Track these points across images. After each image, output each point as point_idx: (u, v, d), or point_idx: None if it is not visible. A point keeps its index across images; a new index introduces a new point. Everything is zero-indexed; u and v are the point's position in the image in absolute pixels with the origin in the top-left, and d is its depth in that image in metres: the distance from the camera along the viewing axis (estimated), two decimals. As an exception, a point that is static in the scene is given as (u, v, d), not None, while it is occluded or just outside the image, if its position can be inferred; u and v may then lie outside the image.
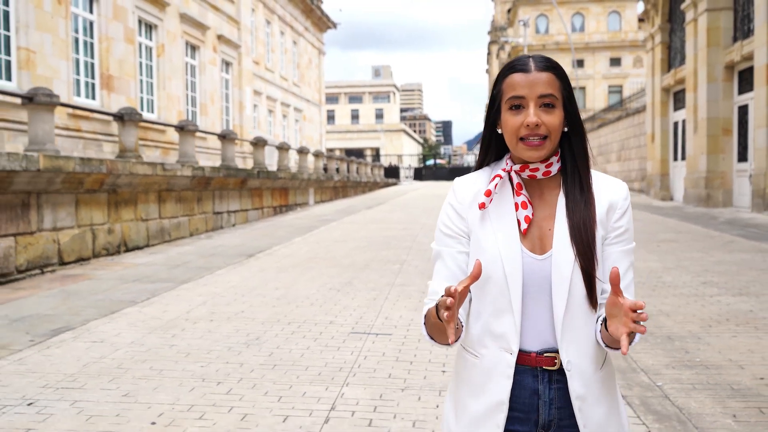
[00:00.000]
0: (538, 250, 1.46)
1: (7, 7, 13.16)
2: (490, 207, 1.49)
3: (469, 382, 1.51)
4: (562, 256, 1.44)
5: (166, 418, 3.43)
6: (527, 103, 1.44)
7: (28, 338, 5.03)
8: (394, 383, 3.97)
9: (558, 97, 1.46)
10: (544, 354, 1.45)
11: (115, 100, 16.16)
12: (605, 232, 1.48)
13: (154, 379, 4.05)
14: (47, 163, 7.65)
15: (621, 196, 1.50)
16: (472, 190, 1.52)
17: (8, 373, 4.19)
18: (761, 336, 4.97)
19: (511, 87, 1.46)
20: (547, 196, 1.51)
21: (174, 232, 11.63)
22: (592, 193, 1.48)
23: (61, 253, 8.45)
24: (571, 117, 1.49)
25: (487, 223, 1.49)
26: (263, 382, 3.99)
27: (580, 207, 1.46)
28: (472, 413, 1.48)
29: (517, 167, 1.49)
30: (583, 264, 1.42)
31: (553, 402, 1.46)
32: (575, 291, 1.43)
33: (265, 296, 6.61)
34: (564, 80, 1.48)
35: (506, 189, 1.50)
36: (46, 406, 3.61)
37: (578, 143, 1.51)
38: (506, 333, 1.45)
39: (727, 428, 3.30)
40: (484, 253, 1.46)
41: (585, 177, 1.49)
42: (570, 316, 1.43)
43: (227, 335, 5.10)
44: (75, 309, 6.08)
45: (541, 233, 1.48)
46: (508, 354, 1.45)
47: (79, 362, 4.41)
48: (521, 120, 1.44)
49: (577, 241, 1.43)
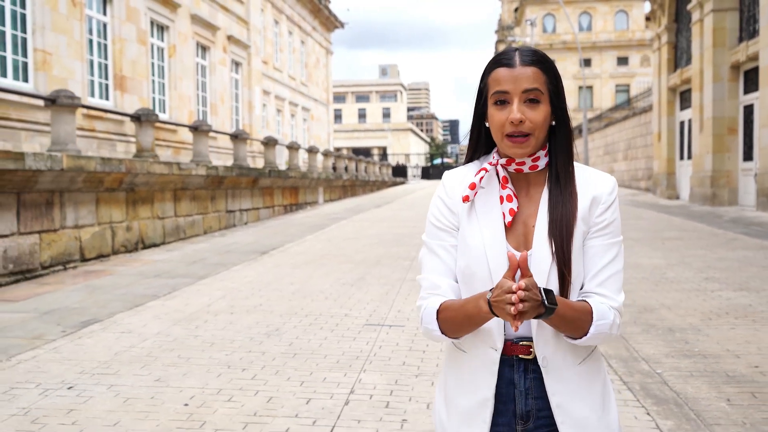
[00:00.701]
0: (524, 246, 1.46)
1: (24, 10, 13.44)
2: (477, 202, 1.49)
3: (457, 377, 1.52)
4: (541, 252, 1.44)
5: (198, 401, 3.69)
6: (511, 98, 1.43)
7: (60, 329, 5.31)
8: (408, 370, 4.21)
9: (543, 91, 1.44)
10: (520, 342, 1.45)
11: (128, 101, 16.45)
12: (587, 227, 1.47)
13: (183, 366, 4.31)
14: (70, 162, 7.93)
15: (606, 190, 1.48)
16: (461, 183, 1.51)
17: (45, 360, 4.46)
18: (758, 328, 5.18)
19: (496, 81, 1.45)
20: (533, 191, 1.50)
21: (189, 230, 11.92)
22: (574, 189, 1.47)
23: (83, 249, 8.73)
24: (558, 112, 1.48)
25: (473, 218, 1.48)
26: (285, 369, 4.25)
27: (561, 203, 1.45)
28: (461, 409, 1.49)
29: (504, 161, 1.49)
30: (559, 260, 1.42)
31: (529, 392, 1.46)
32: (551, 287, 1.42)
33: (281, 291, 6.87)
34: (550, 74, 1.46)
35: (493, 184, 1.50)
36: (85, 389, 3.87)
37: (563, 138, 1.49)
38: (491, 329, 1.45)
39: (721, 411, 3.53)
40: (470, 249, 1.46)
41: (567, 172, 1.48)
42: None
43: (248, 326, 5.36)
44: (101, 302, 6.36)
45: (525, 230, 1.48)
46: (492, 350, 1.46)
47: (110, 351, 4.67)
48: (506, 116, 1.43)
49: (555, 238, 1.43)
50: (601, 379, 1.50)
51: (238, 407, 3.59)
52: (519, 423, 1.46)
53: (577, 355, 1.46)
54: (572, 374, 1.45)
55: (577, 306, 1.41)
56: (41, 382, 4.01)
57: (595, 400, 1.47)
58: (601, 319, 1.41)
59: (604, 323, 1.41)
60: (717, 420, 3.41)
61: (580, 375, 1.46)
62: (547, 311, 1.32)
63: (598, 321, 1.41)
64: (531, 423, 1.46)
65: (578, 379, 1.46)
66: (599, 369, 1.51)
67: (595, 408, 1.46)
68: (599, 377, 1.50)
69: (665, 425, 3.33)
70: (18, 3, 13.14)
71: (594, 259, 1.46)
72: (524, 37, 53.06)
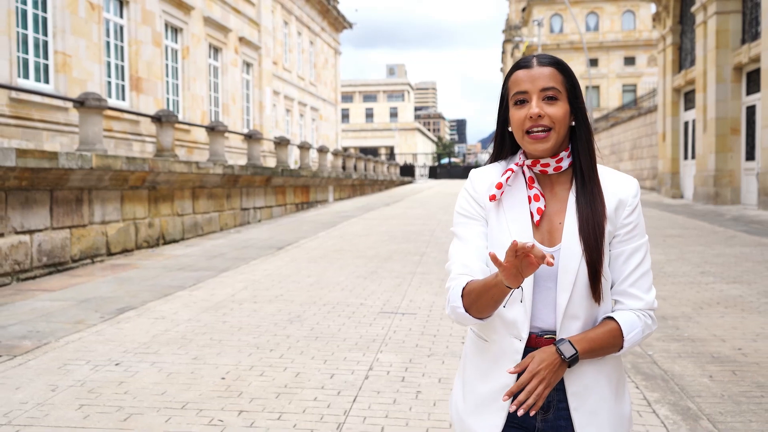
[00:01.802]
0: (548, 242, 1.51)
1: (45, 13, 13.90)
2: (504, 200, 1.54)
3: (478, 366, 1.57)
4: (571, 249, 1.48)
5: (233, 375, 4.12)
6: (530, 96, 1.49)
7: (98, 315, 5.75)
8: (421, 351, 4.63)
9: (561, 90, 1.49)
10: (544, 336, 1.50)
11: (143, 101, 16.92)
12: (614, 228, 1.51)
13: (216, 347, 4.74)
14: (99, 161, 8.38)
15: (631, 193, 1.53)
16: (488, 181, 1.57)
17: (91, 341, 4.90)
18: (745, 316, 5.57)
19: (515, 83, 1.51)
20: (558, 191, 1.55)
21: (206, 227, 12.37)
22: (600, 189, 1.51)
23: (109, 244, 9.19)
24: (577, 112, 1.52)
25: (501, 215, 1.53)
26: (309, 350, 4.67)
27: (590, 203, 1.49)
28: (480, 395, 1.54)
29: (529, 162, 1.54)
30: (590, 259, 1.46)
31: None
32: (579, 284, 1.47)
33: (299, 282, 7.30)
34: (567, 75, 1.51)
35: (519, 183, 1.55)
36: (131, 366, 4.31)
37: (585, 138, 1.54)
38: (516, 320, 1.49)
39: (703, 385, 3.93)
40: (498, 245, 1.51)
41: (591, 172, 1.53)
42: (571, 306, 1.48)
43: (271, 314, 5.79)
44: (132, 292, 6.80)
45: (551, 227, 1.52)
46: (517, 340, 1.50)
47: (148, 334, 5.11)
48: (525, 113, 1.48)
49: (586, 236, 1.47)
50: (617, 373, 1.56)
51: (270, 381, 4.02)
52: (539, 413, 1.51)
53: None
54: (592, 368, 1.50)
55: (600, 335, 1.48)
56: (90, 359, 4.44)
57: (611, 391, 1.52)
58: (630, 331, 1.49)
59: (635, 333, 1.49)
60: (699, 393, 3.81)
61: (599, 369, 1.51)
62: (571, 364, 1.45)
63: (628, 335, 1.49)
64: (551, 413, 1.51)
65: (596, 373, 1.51)
66: (617, 363, 1.56)
67: (608, 398, 1.52)
68: (615, 371, 1.55)
69: (651, 396, 3.74)
70: (40, 7, 13.61)
71: (625, 263, 1.51)
72: (531, 37, 53.35)
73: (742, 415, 3.46)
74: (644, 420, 3.39)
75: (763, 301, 6.15)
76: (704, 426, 3.32)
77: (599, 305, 1.49)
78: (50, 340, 4.92)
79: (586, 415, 1.49)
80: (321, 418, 3.42)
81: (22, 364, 4.35)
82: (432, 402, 3.64)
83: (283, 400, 3.69)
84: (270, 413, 3.49)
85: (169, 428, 3.30)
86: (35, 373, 4.16)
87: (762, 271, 7.73)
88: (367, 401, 3.66)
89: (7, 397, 3.74)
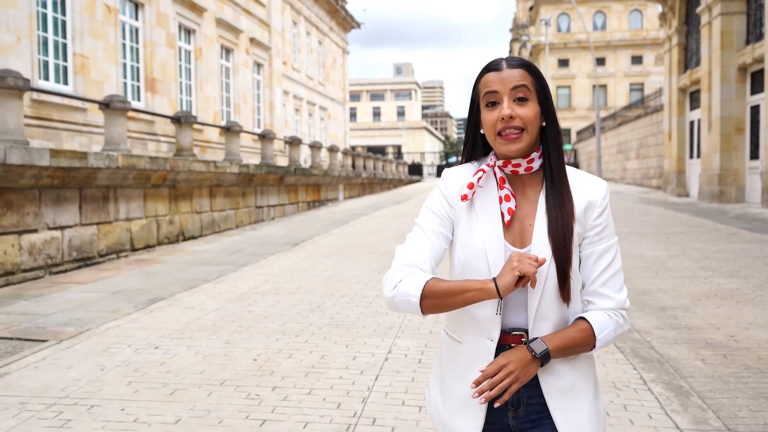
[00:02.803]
0: (519, 244, 1.52)
1: (65, 17, 14.31)
2: (475, 201, 1.55)
3: (453, 366, 1.58)
4: (540, 251, 1.50)
5: (264, 357, 4.49)
6: (501, 97, 1.49)
7: (132, 305, 6.14)
8: (435, 337, 4.99)
9: (531, 90, 1.50)
10: (512, 332, 1.52)
11: (158, 102, 17.33)
12: (583, 229, 1.53)
13: (245, 333, 5.12)
14: (124, 161, 8.78)
15: (599, 195, 1.54)
16: (460, 182, 1.58)
17: (129, 328, 5.29)
18: (740, 307, 5.91)
19: (485, 85, 1.52)
20: (529, 192, 1.56)
21: (222, 224, 12.77)
22: (569, 190, 1.53)
23: (133, 240, 9.60)
24: (547, 113, 1.54)
25: (472, 215, 1.55)
26: (331, 335, 5.05)
27: (559, 204, 1.51)
28: (459, 396, 1.56)
29: (500, 163, 1.55)
30: (558, 260, 1.48)
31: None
32: (549, 284, 1.49)
33: (317, 276, 7.67)
34: (536, 76, 1.53)
35: (491, 184, 1.56)
36: (169, 349, 4.69)
37: (553, 139, 1.55)
38: (487, 320, 1.51)
39: (696, 367, 4.28)
40: (469, 245, 1.53)
41: (560, 173, 1.54)
42: (543, 307, 1.50)
43: (293, 304, 6.16)
44: (159, 285, 7.20)
45: (522, 228, 1.53)
46: (488, 341, 1.52)
47: (180, 321, 5.50)
48: (497, 115, 1.49)
49: (554, 238, 1.49)
50: (592, 372, 1.59)
51: (298, 362, 4.39)
52: (510, 410, 1.54)
53: None
54: (568, 367, 1.53)
55: (572, 334, 1.51)
56: (131, 343, 4.83)
57: (588, 389, 1.56)
58: (602, 330, 1.51)
59: (608, 332, 1.51)
60: (691, 374, 4.16)
61: (574, 367, 1.54)
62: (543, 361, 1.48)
63: (600, 334, 1.51)
64: (521, 410, 1.54)
65: (572, 371, 1.54)
66: (591, 363, 1.59)
67: (586, 396, 1.55)
68: (591, 371, 1.59)
69: (648, 376, 4.09)
70: (59, 10, 14.03)
71: (595, 263, 1.54)
72: (539, 36, 53.57)
73: (729, 392, 3.81)
74: (640, 396, 3.74)
75: (758, 293, 6.48)
76: (694, 401, 3.67)
77: (568, 306, 1.51)
78: (91, 327, 5.31)
79: (566, 414, 1.52)
80: (347, 393, 3.79)
81: (69, 348, 4.74)
82: (447, 380, 4.01)
83: (311, 378, 4.06)
84: (301, 389, 3.86)
85: (211, 401, 3.67)
86: (83, 355, 4.55)
87: (760, 266, 8.05)
88: (388, 379, 4.03)
89: (61, 375, 4.13)
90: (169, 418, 3.44)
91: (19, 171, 7.03)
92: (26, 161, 6.98)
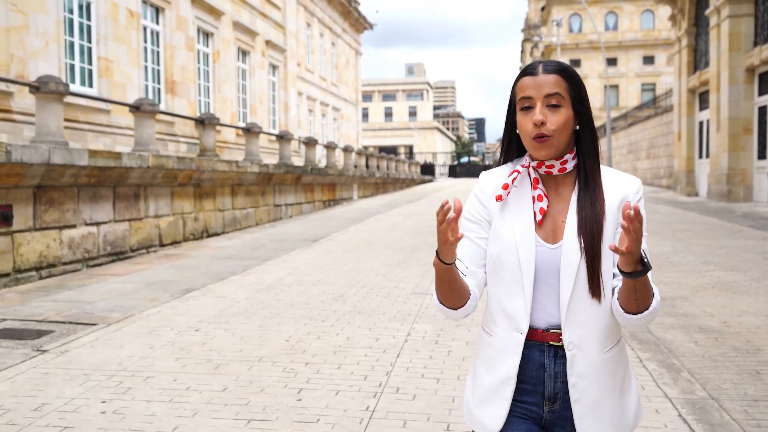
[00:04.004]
0: (551, 239, 1.57)
1: (90, 22, 14.86)
2: (510, 200, 1.61)
3: (484, 358, 1.64)
4: (571, 246, 1.54)
5: (295, 338, 4.95)
6: (534, 103, 1.55)
7: (168, 294, 6.63)
8: (450, 323, 5.43)
9: (565, 96, 1.55)
10: (551, 330, 1.57)
11: (177, 104, 17.87)
12: (617, 225, 1.56)
13: (276, 318, 5.59)
14: (154, 161, 9.29)
15: (632, 190, 1.59)
16: (494, 183, 1.64)
17: (168, 314, 5.77)
18: (736, 297, 6.31)
19: (521, 89, 1.58)
20: (562, 191, 1.61)
21: (243, 222, 13.28)
22: (601, 190, 1.57)
23: (161, 236, 10.11)
24: (581, 117, 1.58)
25: (506, 214, 1.61)
26: (355, 320, 5.50)
27: (590, 203, 1.55)
28: (485, 386, 1.62)
29: (535, 164, 1.61)
30: (588, 256, 1.53)
31: (558, 375, 1.57)
32: (581, 279, 1.54)
33: (337, 270, 8.13)
34: (572, 81, 1.57)
35: (525, 183, 1.62)
36: (208, 331, 5.17)
37: (588, 142, 1.60)
38: (517, 314, 1.57)
39: (688, 348, 4.70)
40: (502, 240, 1.59)
41: (594, 174, 1.58)
42: (575, 301, 1.54)
43: (317, 294, 6.62)
44: (190, 277, 7.69)
45: (554, 225, 1.59)
46: (518, 333, 1.57)
47: (215, 308, 5.97)
48: (530, 119, 1.55)
49: (585, 235, 1.53)
50: (623, 366, 1.61)
51: (326, 342, 4.85)
52: (546, 404, 1.59)
53: (601, 343, 1.56)
54: (598, 360, 1.56)
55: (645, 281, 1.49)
56: (173, 327, 5.31)
57: (615, 385, 1.58)
58: (657, 297, 1.52)
59: (658, 302, 1.52)
60: (684, 353, 4.58)
61: (605, 362, 1.57)
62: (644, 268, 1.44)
63: (656, 298, 1.52)
64: (557, 404, 1.58)
65: (602, 365, 1.56)
66: (622, 357, 1.62)
67: (612, 391, 1.57)
68: (622, 365, 1.61)
69: (643, 355, 4.51)
70: (84, 15, 14.58)
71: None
72: (551, 36, 53.82)
73: (716, 369, 4.22)
74: (635, 372, 4.16)
75: (754, 285, 6.87)
76: (684, 376, 4.09)
77: (600, 303, 1.54)
78: (134, 313, 5.80)
79: (586, 407, 1.55)
80: (372, 368, 4.24)
81: (118, 330, 5.22)
82: (461, 358, 4.45)
83: (339, 355, 4.52)
84: (331, 364, 4.32)
85: (252, 374, 4.14)
86: (131, 337, 5.03)
87: (760, 261, 8.42)
88: (408, 357, 4.48)
89: (115, 352, 4.62)
90: (216, 387, 3.90)
91: (60, 170, 7.54)
92: (67, 161, 7.49)
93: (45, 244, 7.60)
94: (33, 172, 7.14)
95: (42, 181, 7.41)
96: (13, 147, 6.73)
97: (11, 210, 7.06)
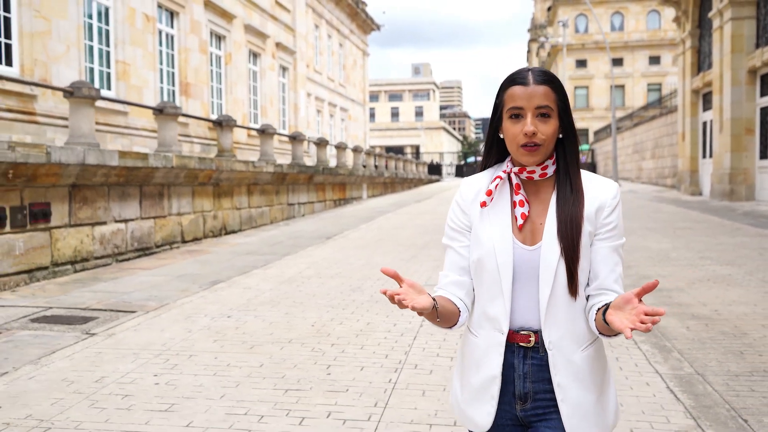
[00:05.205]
0: (529, 241, 1.62)
1: (108, 26, 15.35)
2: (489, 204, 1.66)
3: (470, 358, 1.70)
4: (550, 248, 1.59)
5: (319, 324, 5.41)
6: (525, 113, 1.58)
7: (197, 286, 7.11)
8: (461, 310, 5.87)
9: (553, 108, 1.60)
10: (520, 332, 1.62)
11: (191, 105, 18.36)
12: (594, 228, 1.61)
13: (299, 307, 6.05)
14: (178, 161, 9.78)
15: (610, 195, 1.63)
16: (475, 189, 1.70)
17: (200, 303, 6.24)
18: (729, 289, 6.73)
19: (511, 98, 1.60)
20: (542, 194, 1.66)
21: (259, 220, 13.77)
22: (581, 193, 1.62)
23: (183, 233, 10.60)
24: (565, 126, 1.64)
25: (485, 218, 1.66)
26: (373, 309, 5.96)
27: (569, 205, 1.61)
28: (473, 385, 1.68)
29: (516, 169, 1.65)
30: (567, 257, 1.58)
31: (527, 376, 1.62)
32: (559, 280, 1.58)
33: (352, 264, 8.59)
34: (560, 92, 1.62)
35: (505, 188, 1.67)
36: (240, 317, 5.63)
37: (571, 149, 1.66)
38: (498, 315, 1.63)
39: (680, 333, 5.13)
40: (481, 245, 1.65)
41: (575, 178, 1.64)
42: (553, 302, 1.59)
43: (335, 286, 7.08)
44: (215, 271, 8.16)
45: (533, 227, 1.63)
46: (499, 334, 1.63)
47: (242, 298, 6.44)
48: (520, 128, 1.58)
49: (563, 237, 1.58)
50: (602, 364, 1.67)
51: (348, 327, 5.31)
52: (518, 403, 1.65)
53: (578, 342, 1.62)
54: (576, 358, 1.61)
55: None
56: (207, 314, 5.78)
57: (595, 382, 1.63)
58: None
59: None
60: (676, 337, 5.02)
61: (583, 359, 1.62)
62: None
63: None
64: (529, 404, 1.64)
65: (581, 363, 1.62)
66: (601, 354, 1.67)
67: (593, 389, 1.63)
68: (600, 362, 1.66)
69: (638, 338, 4.95)
70: (103, 20, 15.08)
71: (605, 260, 1.61)
72: (557, 36, 54.15)
73: (704, 350, 4.66)
74: (630, 352, 4.61)
75: (747, 278, 7.29)
76: (674, 356, 4.53)
77: (575, 300, 1.60)
78: (168, 302, 6.28)
79: (571, 406, 1.60)
80: (392, 348, 4.70)
81: (156, 317, 5.70)
82: (472, 340, 4.90)
83: (361, 338, 4.98)
84: (354, 345, 4.78)
85: (284, 353, 4.60)
86: (169, 322, 5.50)
87: (755, 256, 8.83)
88: (424, 339, 4.93)
89: (157, 335, 5.09)
90: (254, 363, 4.37)
91: (93, 170, 8.03)
92: (100, 161, 7.98)
93: (79, 239, 8.09)
94: (69, 171, 7.63)
95: (77, 180, 7.90)
96: (52, 148, 7.22)
97: (50, 207, 7.55)
